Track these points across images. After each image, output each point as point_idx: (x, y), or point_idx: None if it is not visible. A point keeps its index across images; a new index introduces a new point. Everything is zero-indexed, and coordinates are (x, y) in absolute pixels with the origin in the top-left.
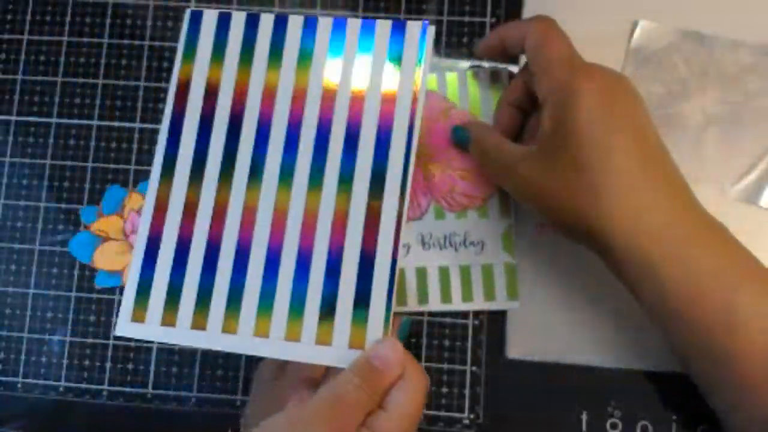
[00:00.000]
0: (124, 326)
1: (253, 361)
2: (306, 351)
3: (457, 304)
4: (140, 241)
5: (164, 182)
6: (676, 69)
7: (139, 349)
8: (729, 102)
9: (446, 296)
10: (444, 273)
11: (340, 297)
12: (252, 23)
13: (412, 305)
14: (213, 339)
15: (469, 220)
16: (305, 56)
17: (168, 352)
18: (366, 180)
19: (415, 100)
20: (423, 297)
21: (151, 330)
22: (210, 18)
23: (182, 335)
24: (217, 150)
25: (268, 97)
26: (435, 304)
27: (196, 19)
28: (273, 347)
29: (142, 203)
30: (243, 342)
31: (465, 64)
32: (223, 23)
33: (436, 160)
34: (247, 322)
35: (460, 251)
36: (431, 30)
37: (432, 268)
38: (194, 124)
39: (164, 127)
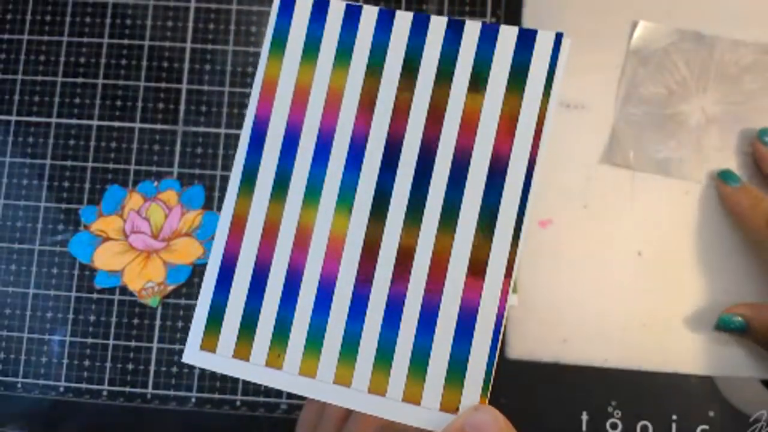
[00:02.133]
0: (193, 354)
1: None
2: (390, 407)
3: None
4: (214, 260)
5: (243, 196)
6: (677, 69)
7: (139, 349)
8: (729, 102)
9: None
10: None
11: (434, 351)
12: (352, 16)
13: None
14: (288, 381)
15: None
16: (412, 61)
17: (168, 352)
18: (473, 219)
19: (539, 130)
20: None
21: (221, 362)
22: (304, 5)
23: (255, 372)
24: (304, 165)
25: (366, 107)
26: None
27: (288, 5)
28: (354, 398)
29: (141, 203)
30: (321, 388)
31: None
32: (319, 13)
33: None
34: (327, 366)
35: None
36: (567, 44)
37: None
38: (280, 131)
39: (245, 133)
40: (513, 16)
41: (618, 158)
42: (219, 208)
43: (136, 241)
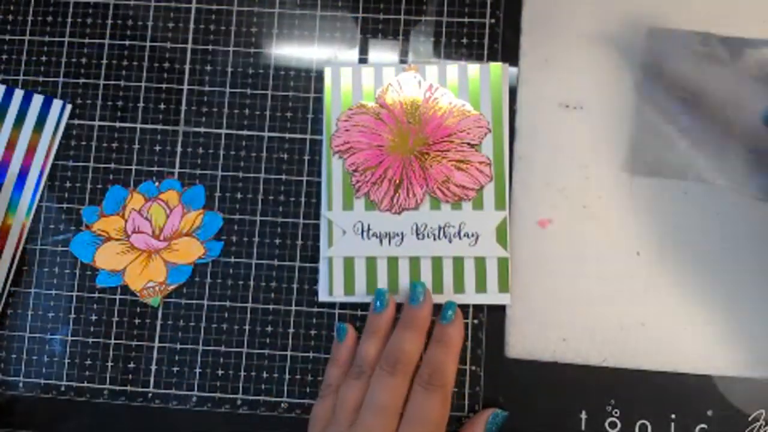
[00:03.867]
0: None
1: (251, 362)
2: None
3: (449, 296)
4: None
5: None
6: (689, 74)
7: (140, 349)
8: (744, 105)
9: (438, 287)
10: (437, 264)
11: None
12: None
13: (405, 295)
14: None
15: (464, 212)
16: None
17: (169, 351)
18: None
19: (48, 154)
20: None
21: None
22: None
23: None
24: None
25: None
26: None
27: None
28: None
29: (143, 203)
30: None
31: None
32: None
33: (433, 150)
34: None
35: (454, 242)
36: (65, 106)
37: (425, 259)
38: None
39: None
40: (513, 17)
41: (639, 168)
42: (219, 208)
43: (137, 240)
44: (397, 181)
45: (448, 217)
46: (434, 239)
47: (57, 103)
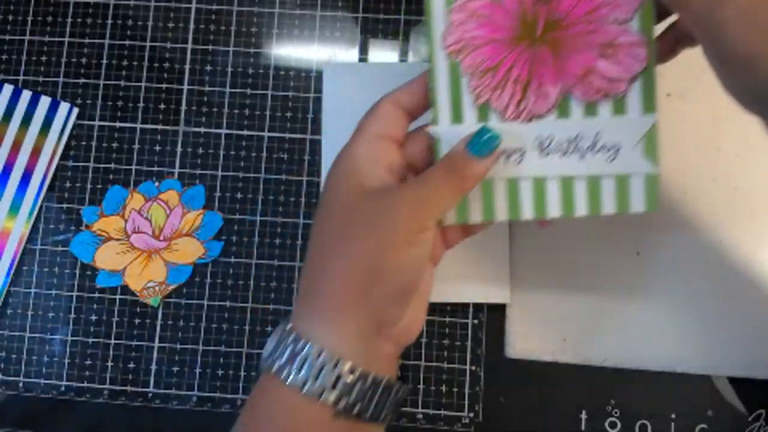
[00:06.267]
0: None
1: (251, 362)
2: None
3: (581, 212)
4: None
5: None
6: None
7: (140, 349)
8: None
9: (569, 209)
10: (567, 185)
11: None
12: None
13: (528, 214)
14: None
15: (600, 118)
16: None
17: (169, 351)
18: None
19: (53, 157)
20: (540, 208)
21: None
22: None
23: None
24: None
25: None
26: (554, 212)
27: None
28: None
29: (143, 203)
30: None
31: None
32: None
33: (569, 33)
34: None
35: (587, 158)
36: (72, 110)
37: (552, 180)
38: None
39: None
40: None
41: None
42: (219, 208)
43: (137, 241)
44: (525, 81)
45: (581, 126)
46: (562, 155)
47: (64, 106)
